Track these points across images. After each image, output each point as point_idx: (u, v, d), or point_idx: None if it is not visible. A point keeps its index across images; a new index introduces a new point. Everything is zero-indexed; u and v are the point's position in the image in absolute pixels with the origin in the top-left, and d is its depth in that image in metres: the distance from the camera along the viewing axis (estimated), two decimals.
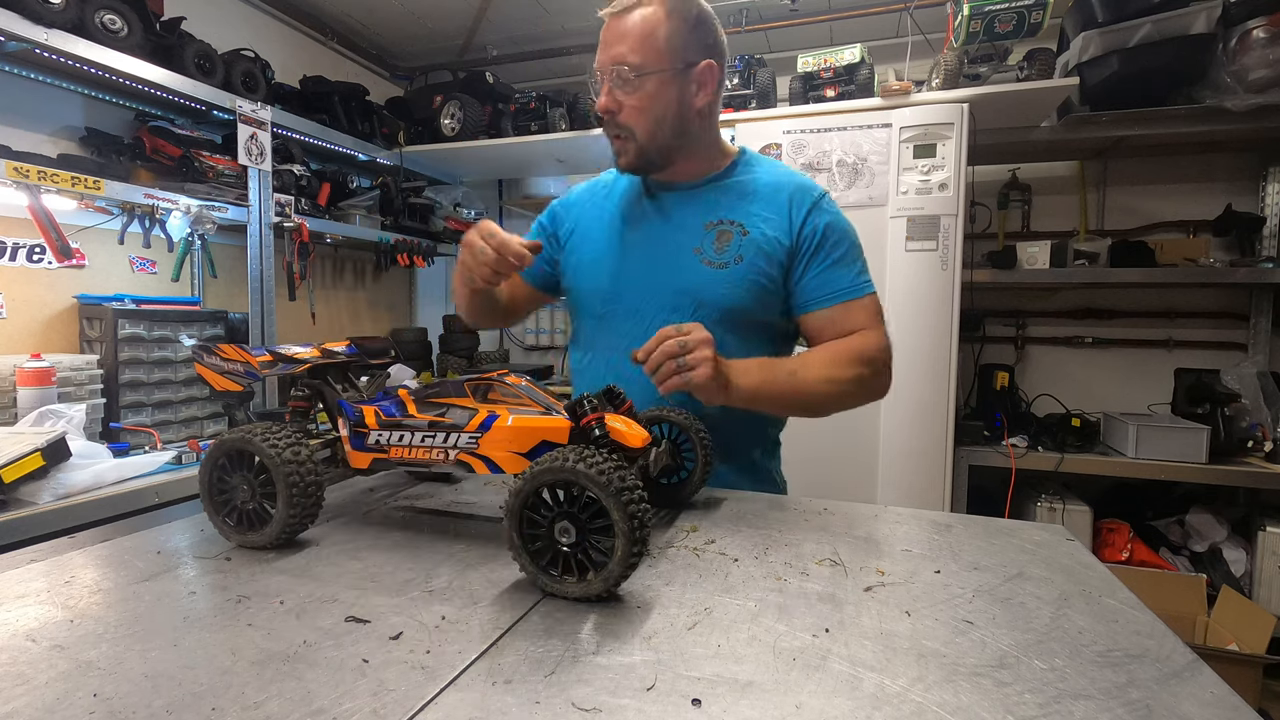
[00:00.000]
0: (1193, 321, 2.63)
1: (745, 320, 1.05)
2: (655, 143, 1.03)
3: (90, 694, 0.42)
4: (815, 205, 1.06)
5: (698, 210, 1.07)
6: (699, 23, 1.01)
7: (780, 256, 1.04)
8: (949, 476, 2.14)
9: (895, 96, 2.18)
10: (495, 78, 2.94)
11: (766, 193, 1.07)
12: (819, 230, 1.04)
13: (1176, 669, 0.47)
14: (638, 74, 0.98)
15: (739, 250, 1.03)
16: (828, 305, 1.05)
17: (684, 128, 1.04)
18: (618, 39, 0.98)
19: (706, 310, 1.02)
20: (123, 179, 1.82)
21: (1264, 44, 2.04)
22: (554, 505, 0.55)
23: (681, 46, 0.99)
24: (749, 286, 1.03)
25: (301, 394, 0.75)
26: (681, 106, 1.02)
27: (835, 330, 1.05)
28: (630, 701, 0.42)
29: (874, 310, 1.08)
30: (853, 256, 1.07)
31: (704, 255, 1.04)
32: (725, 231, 1.05)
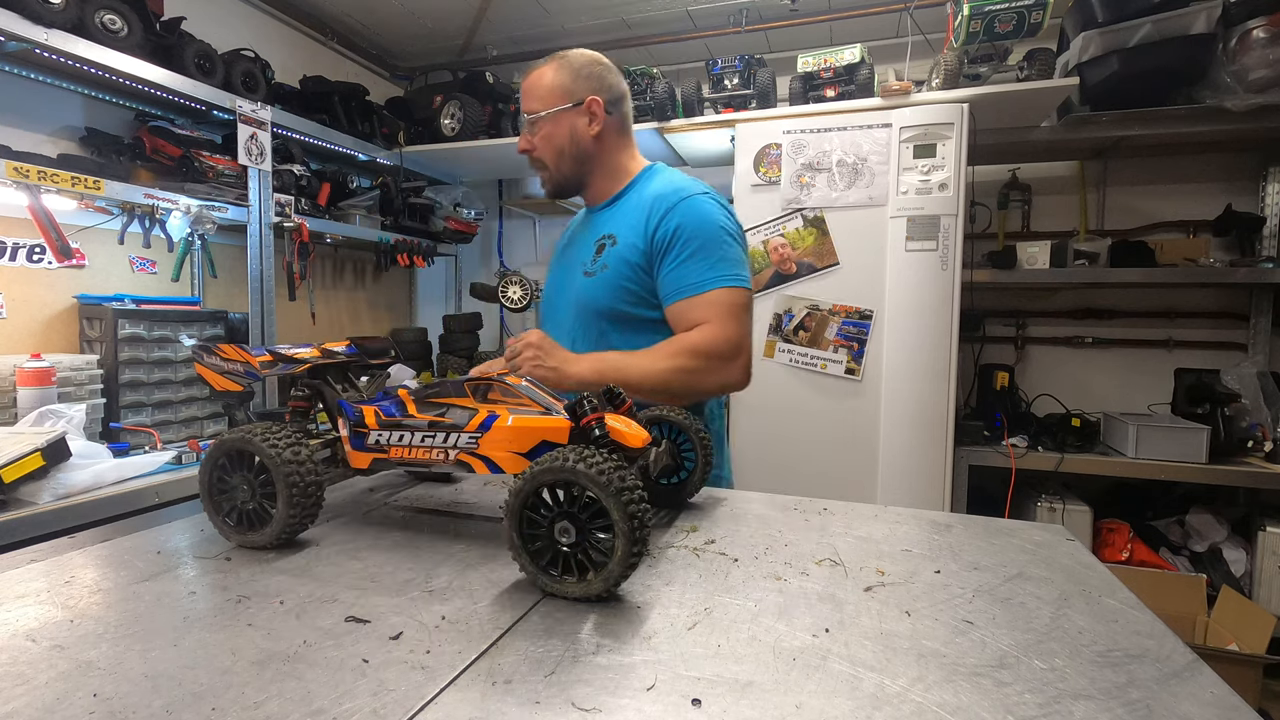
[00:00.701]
0: (1193, 321, 2.63)
1: (623, 318, 1.17)
2: (561, 170, 1.24)
3: (90, 694, 0.42)
4: (671, 208, 1.14)
5: (595, 228, 1.24)
6: (584, 68, 1.22)
7: (638, 259, 1.15)
8: (949, 476, 2.14)
9: (895, 96, 2.18)
10: (495, 78, 2.94)
11: (639, 203, 1.19)
12: (670, 231, 1.13)
13: (1176, 669, 0.47)
14: (537, 116, 1.22)
15: (607, 259, 1.18)
16: (675, 300, 1.14)
17: (583, 154, 1.23)
18: (526, 94, 1.23)
19: (588, 314, 1.19)
20: (123, 179, 1.82)
21: (1264, 44, 2.04)
22: (554, 505, 0.55)
23: (569, 89, 1.20)
24: (613, 290, 1.16)
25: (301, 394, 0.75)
26: (575, 136, 1.22)
27: (683, 323, 1.14)
28: (630, 701, 0.42)
29: (720, 305, 1.12)
30: (705, 254, 1.13)
31: (585, 267, 1.21)
32: (602, 244, 1.20)
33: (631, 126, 1.31)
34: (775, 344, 2.28)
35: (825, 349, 2.22)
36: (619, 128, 1.26)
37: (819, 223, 2.22)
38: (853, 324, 2.19)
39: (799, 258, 2.24)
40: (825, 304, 2.22)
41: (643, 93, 2.51)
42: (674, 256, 1.13)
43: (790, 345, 2.26)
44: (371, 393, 0.78)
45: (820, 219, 2.21)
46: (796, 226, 2.24)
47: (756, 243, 2.29)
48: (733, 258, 1.16)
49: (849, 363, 2.19)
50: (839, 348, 2.20)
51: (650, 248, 1.15)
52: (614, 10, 2.82)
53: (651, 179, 1.24)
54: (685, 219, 1.14)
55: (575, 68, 1.21)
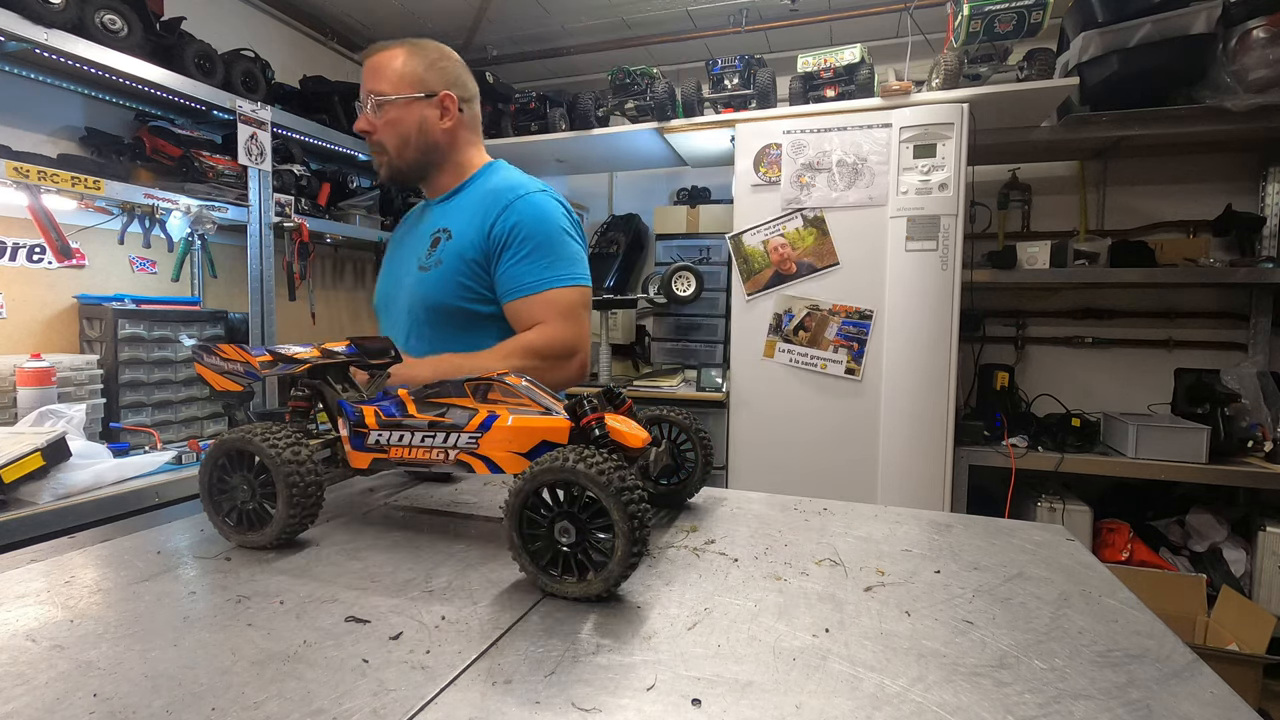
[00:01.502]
0: (1193, 321, 2.63)
1: (459, 315, 1.16)
2: (404, 158, 1.21)
3: (90, 694, 0.42)
4: (509, 205, 1.14)
5: (432, 221, 1.23)
6: (438, 61, 1.21)
7: (475, 255, 1.14)
8: (949, 476, 2.14)
9: (895, 96, 2.18)
10: (495, 78, 2.94)
11: (477, 198, 1.19)
12: (508, 228, 1.13)
13: (1176, 669, 0.47)
14: (385, 100, 1.18)
15: (442, 254, 1.16)
16: (513, 299, 1.14)
17: (429, 147, 1.21)
18: (371, 73, 1.19)
19: (423, 310, 1.17)
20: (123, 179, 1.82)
21: (1264, 44, 2.04)
22: (554, 505, 0.55)
23: (421, 79, 1.19)
24: (446, 285, 1.15)
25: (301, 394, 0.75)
26: (425, 128, 1.20)
27: (522, 322, 1.15)
28: (630, 701, 0.42)
29: (557, 305, 1.14)
30: (541, 254, 1.14)
31: (419, 261, 1.19)
32: (438, 238, 1.19)
33: (480, 126, 1.32)
34: (775, 344, 2.28)
35: (825, 349, 2.22)
36: (469, 125, 1.26)
37: (819, 223, 2.22)
38: (853, 324, 2.19)
39: (799, 258, 2.24)
40: (825, 304, 2.22)
41: (643, 93, 2.51)
42: (512, 254, 1.13)
43: (790, 345, 2.26)
44: (371, 393, 0.78)
45: (820, 219, 2.21)
46: (796, 226, 2.24)
47: (756, 243, 2.30)
48: (570, 256, 1.17)
49: (849, 363, 2.19)
50: (839, 348, 2.20)
51: (488, 244, 1.14)
52: (614, 10, 2.82)
53: (491, 175, 1.24)
54: (523, 216, 1.14)
55: (430, 59, 1.20)
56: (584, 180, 3.48)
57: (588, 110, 2.71)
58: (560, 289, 1.14)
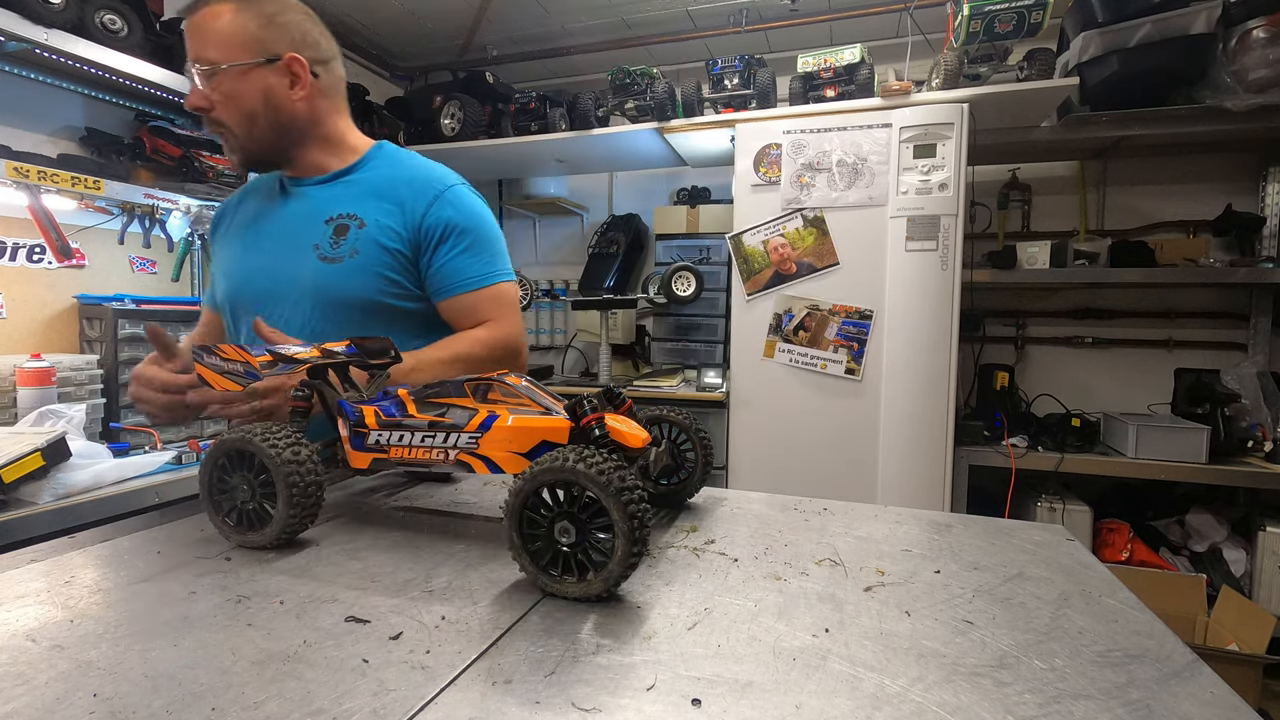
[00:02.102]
0: (1193, 321, 2.63)
1: (379, 310, 1.07)
2: (254, 138, 1.05)
3: (90, 694, 0.42)
4: (438, 196, 1.08)
5: (321, 206, 1.09)
6: (278, 15, 1.04)
7: (399, 246, 1.06)
8: (949, 476, 2.14)
9: (895, 96, 2.18)
10: (495, 78, 2.94)
11: (388, 187, 1.09)
12: (442, 221, 1.07)
13: (1176, 669, 0.47)
14: (214, 69, 0.99)
15: (356, 243, 1.05)
16: (454, 294, 1.08)
17: (285, 123, 1.05)
18: (193, 36, 1.00)
19: (336, 305, 1.05)
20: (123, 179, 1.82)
21: (1264, 44, 2.04)
22: (554, 505, 0.55)
23: (258, 40, 1.01)
24: (369, 278, 1.05)
25: (301, 394, 0.75)
26: (272, 101, 1.03)
27: (465, 319, 1.09)
28: (630, 701, 0.42)
29: (503, 300, 1.11)
30: (480, 247, 1.10)
31: (322, 250, 1.06)
32: (343, 225, 1.07)
33: (344, 92, 1.17)
34: (775, 344, 2.28)
35: (825, 349, 2.22)
36: (331, 91, 1.12)
37: (819, 223, 2.22)
38: (853, 324, 2.19)
39: (799, 258, 2.24)
40: (825, 304, 2.22)
41: (643, 93, 2.51)
42: (449, 248, 1.07)
43: (790, 345, 2.26)
44: (371, 393, 0.78)
45: (820, 219, 2.21)
46: (796, 226, 2.24)
47: (756, 243, 2.30)
48: (504, 251, 1.15)
49: (849, 363, 2.19)
50: (839, 348, 2.20)
51: (416, 237, 1.07)
52: (614, 10, 2.82)
53: (395, 160, 1.16)
54: (458, 210, 1.09)
55: (265, 13, 1.03)
56: (584, 180, 3.48)
57: (588, 110, 2.71)
58: (503, 284, 1.11)
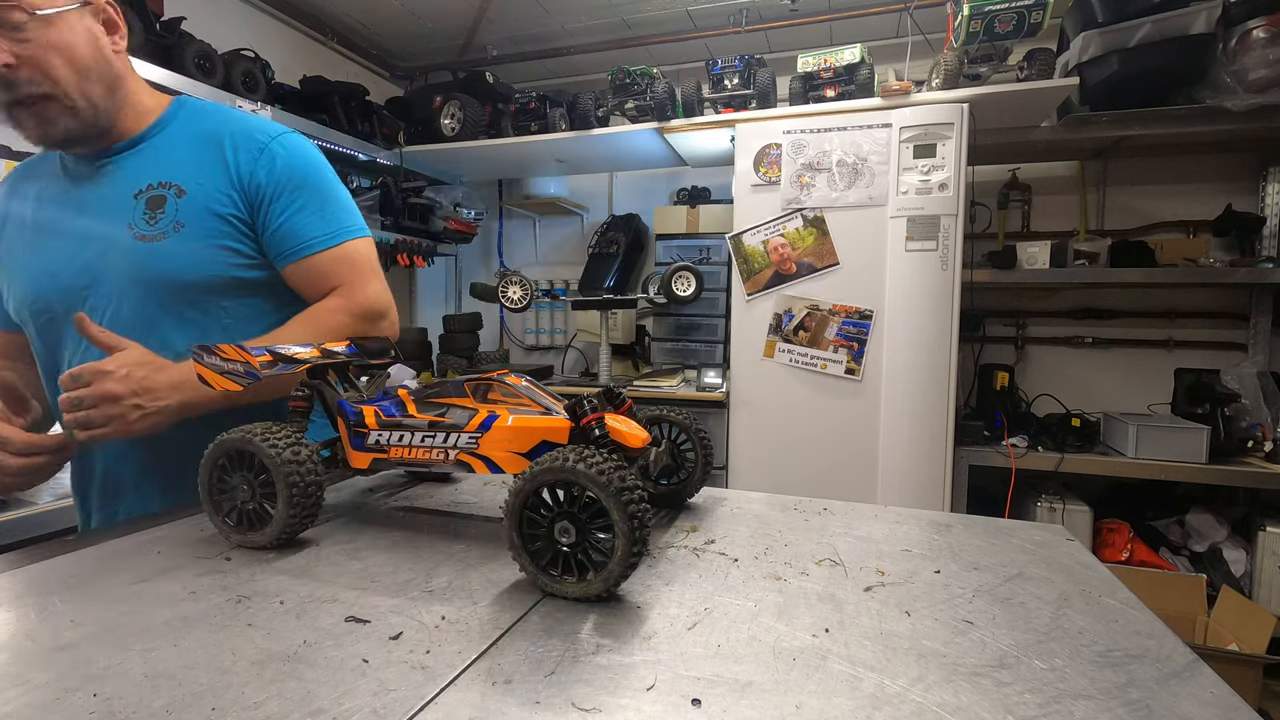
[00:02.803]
0: (1193, 321, 2.64)
1: (220, 286, 0.93)
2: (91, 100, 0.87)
3: (90, 694, 0.42)
4: (263, 148, 0.95)
5: (124, 179, 0.93)
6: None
7: (230, 209, 0.92)
8: (949, 476, 2.14)
9: (895, 96, 2.18)
10: (495, 78, 2.94)
11: (204, 143, 0.95)
12: (273, 175, 0.94)
13: (1176, 669, 0.47)
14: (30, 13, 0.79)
15: (181, 215, 0.90)
16: (299, 257, 0.95)
17: (112, 81, 0.90)
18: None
19: (168, 289, 0.90)
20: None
21: (1264, 44, 2.04)
22: (554, 505, 0.55)
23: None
24: (205, 252, 0.91)
25: (301, 394, 0.75)
26: (101, 54, 0.87)
27: (314, 286, 0.97)
28: (630, 701, 0.42)
29: (356, 260, 0.98)
30: (322, 202, 0.97)
31: (136, 230, 0.90)
32: (158, 197, 0.92)
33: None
34: (775, 344, 2.28)
35: (825, 349, 2.22)
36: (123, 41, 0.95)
37: (819, 223, 2.22)
38: (853, 324, 2.19)
39: (799, 258, 2.25)
40: (825, 304, 2.22)
41: (643, 93, 2.51)
42: (283, 205, 0.94)
43: (790, 345, 2.26)
44: (371, 393, 0.78)
45: (820, 219, 2.21)
46: (796, 226, 2.24)
47: (756, 243, 2.30)
48: (350, 206, 1.01)
49: (849, 363, 2.19)
50: (839, 348, 2.20)
51: (246, 195, 0.93)
52: (614, 10, 2.82)
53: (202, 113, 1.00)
54: (289, 160, 0.95)
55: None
56: (584, 180, 3.48)
57: (588, 110, 2.71)
58: (353, 241, 0.98)
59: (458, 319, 3.26)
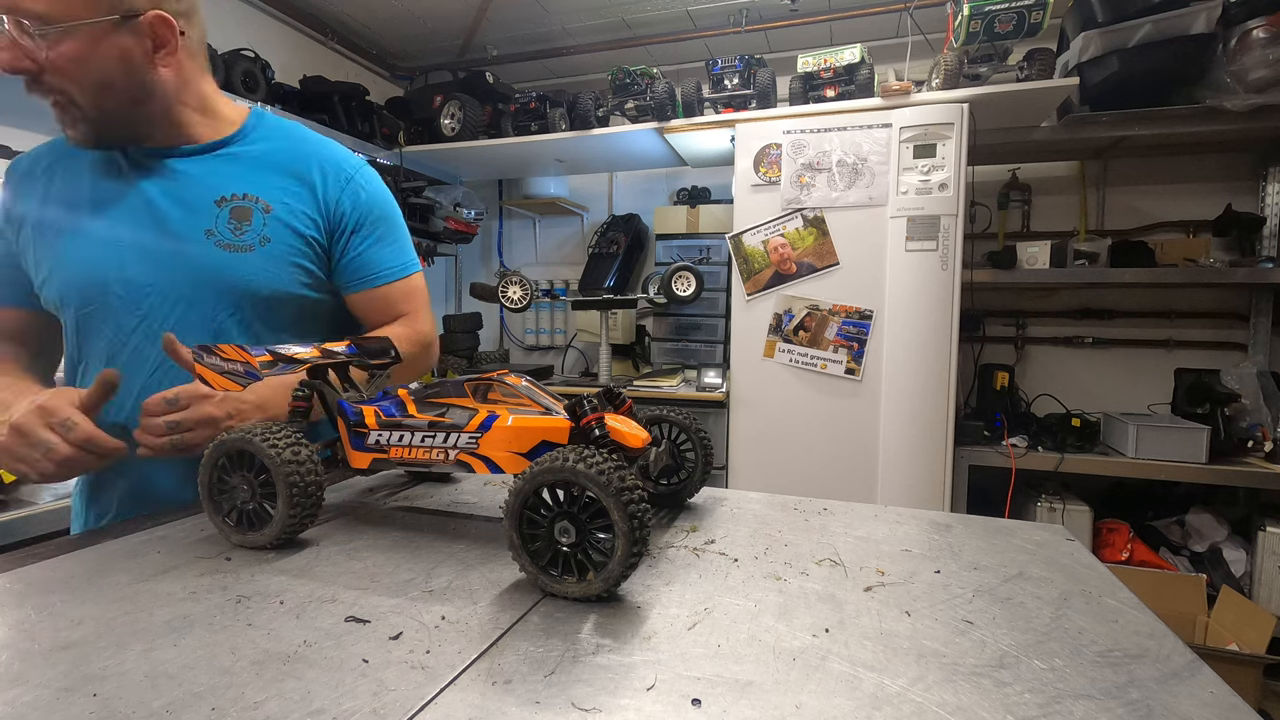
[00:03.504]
0: (1193, 321, 2.64)
1: (292, 304, 0.96)
2: (107, 113, 0.86)
3: (90, 694, 0.42)
4: (351, 178, 1.01)
5: (203, 184, 0.93)
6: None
7: (312, 232, 0.97)
8: (949, 476, 2.14)
9: (895, 96, 2.18)
10: (495, 78, 2.94)
11: (289, 161, 0.98)
12: (360, 205, 1.00)
13: (1176, 669, 0.47)
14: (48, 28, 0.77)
15: (267, 230, 0.93)
16: (371, 286, 1.01)
17: (144, 94, 0.87)
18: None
19: (234, 298, 0.92)
20: None
21: (1264, 44, 2.04)
22: (554, 505, 0.55)
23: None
24: (284, 268, 0.94)
25: (301, 394, 0.75)
26: (132, 70, 0.85)
27: (379, 314, 1.03)
28: (630, 701, 0.42)
29: (420, 293, 1.08)
30: (394, 235, 1.05)
31: (219, 237, 0.91)
32: (243, 209, 0.93)
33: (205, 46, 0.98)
34: (775, 344, 2.28)
35: (825, 349, 2.22)
36: (197, 49, 0.93)
37: (819, 223, 2.22)
38: (853, 324, 2.19)
39: (799, 258, 2.25)
40: (825, 304, 2.22)
41: (643, 93, 2.51)
42: (364, 236, 1.00)
43: (790, 345, 2.26)
44: (371, 393, 0.78)
45: (820, 219, 2.21)
46: (796, 226, 2.24)
47: (756, 243, 2.30)
48: (409, 238, 1.09)
49: (849, 363, 2.19)
50: (839, 348, 2.20)
51: (329, 222, 0.98)
52: (614, 10, 2.82)
53: (284, 132, 1.02)
54: (372, 194, 1.02)
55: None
56: (584, 180, 3.48)
57: (588, 110, 2.71)
58: (416, 274, 1.07)
59: (458, 319, 3.26)
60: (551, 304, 3.50)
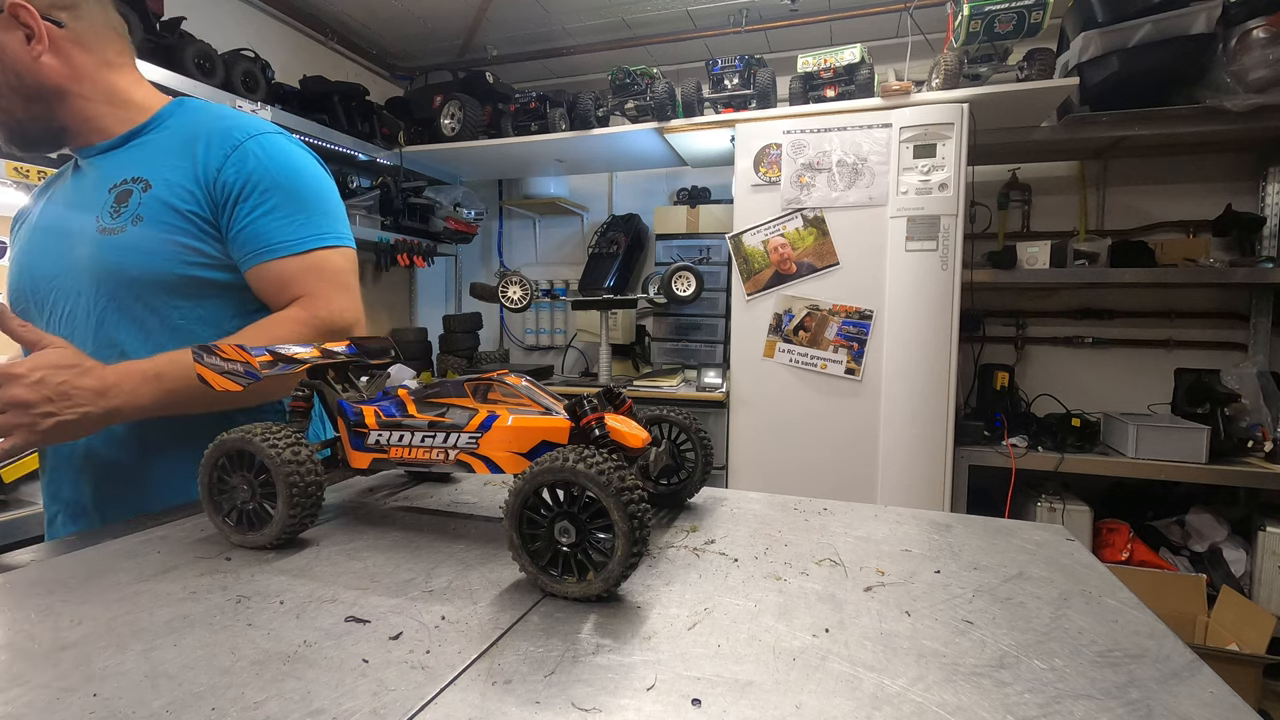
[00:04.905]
0: (1193, 321, 2.64)
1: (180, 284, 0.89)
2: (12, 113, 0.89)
3: (90, 694, 0.42)
4: (239, 146, 0.90)
5: (103, 175, 0.93)
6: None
7: (190, 206, 0.89)
8: (949, 476, 2.14)
9: (895, 96, 2.18)
10: (495, 78, 2.94)
11: (183, 140, 0.93)
12: (244, 174, 0.89)
13: (1176, 669, 0.47)
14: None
15: (140, 209, 0.88)
16: (260, 262, 0.90)
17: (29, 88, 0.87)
18: None
19: (122, 284, 0.88)
20: None
21: (1264, 44, 2.04)
22: (554, 505, 0.55)
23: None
24: (158, 246, 0.87)
25: (301, 394, 0.75)
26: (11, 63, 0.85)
27: (276, 294, 0.91)
28: (630, 701, 0.42)
29: (322, 270, 0.92)
30: (293, 206, 0.91)
31: (101, 223, 0.89)
32: (126, 191, 0.90)
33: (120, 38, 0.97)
34: (775, 344, 2.28)
35: (825, 349, 2.22)
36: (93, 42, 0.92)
37: (819, 223, 2.22)
38: (853, 324, 2.19)
39: (799, 258, 2.25)
40: (825, 304, 2.22)
41: (643, 93, 2.51)
42: (251, 206, 0.89)
43: (790, 345, 2.26)
44: (371, 393, 0.78)
45: (820, 219, 2.21)
46: (796, 226, 2.24)
47: (756, 243, 2.30)
48: (332, 211, 0.95)
49: (849, 363, 2.19)
50: (839, 348, 2.20)
51: (213, 193, 0.89)
52: (614, 10, 2.82)
53: (194, 112, 0.97)
54: (261, 162, 0.90)
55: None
56: (584, 180, 3.48)
57: (588, 110, 2.71)
58: (326, 249, 0.92)
59: (458, 319, 3.26)
60: (551, 304, 3.50)
